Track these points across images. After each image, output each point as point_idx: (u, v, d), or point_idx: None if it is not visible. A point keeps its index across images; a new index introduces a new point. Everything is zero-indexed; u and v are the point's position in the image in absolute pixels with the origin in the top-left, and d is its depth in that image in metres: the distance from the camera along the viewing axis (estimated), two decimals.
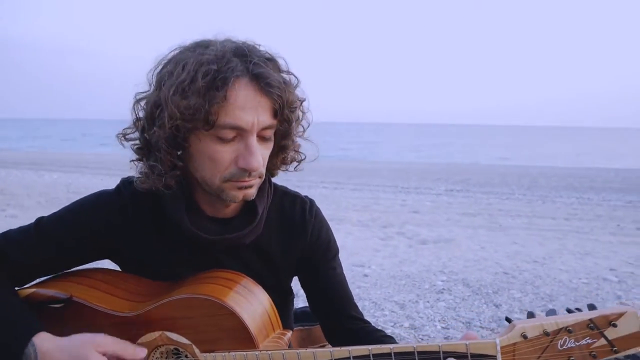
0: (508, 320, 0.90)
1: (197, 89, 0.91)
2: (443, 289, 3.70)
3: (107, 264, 1.18)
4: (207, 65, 0.92)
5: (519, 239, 5.68)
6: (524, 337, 0.85)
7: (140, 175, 1.02)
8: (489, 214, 7.73)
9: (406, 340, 2.77)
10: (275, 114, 0.99)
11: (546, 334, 0.84)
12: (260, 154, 0.98)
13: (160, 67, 1.01)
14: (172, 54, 1.01)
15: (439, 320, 3.07)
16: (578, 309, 0.86)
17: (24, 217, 6.38)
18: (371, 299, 3.43)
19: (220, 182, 0.98)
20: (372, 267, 4.30)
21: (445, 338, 2.81)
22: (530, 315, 0.87)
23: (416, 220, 6.96)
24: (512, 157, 28.89)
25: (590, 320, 0.81)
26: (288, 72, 1.04)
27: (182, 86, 0.92)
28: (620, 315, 0.80)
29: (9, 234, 1.07)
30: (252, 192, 1.02)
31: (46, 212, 1.08)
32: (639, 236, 6.24)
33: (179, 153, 0.99)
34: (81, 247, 1.06)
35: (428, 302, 3.43)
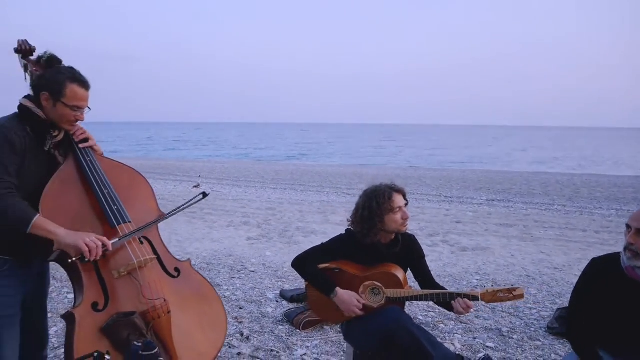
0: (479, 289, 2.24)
1: (384, 197, 2.45)
2: (477, 285, 4.90)
3: None
4: (381, 190, 2.44)
5: (546, 249, 6.74)
6: (486, 291, 2.28)
7: (355, 226, 2.52)
8: (524, 225, 8.72)
9: (450, 317, 4.02)
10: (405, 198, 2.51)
11: (495, 291, 2.28)
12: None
13: (361, 201, 2.54)
14: (362, 199, 2.53)
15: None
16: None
17: None
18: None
19: (399, 227, 2.50)
20: None
21: (477, 317, 4.03)
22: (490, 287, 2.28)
23: (458, 230, 8.08)
24: (556, 163, 28.91)
25: (508, 289, 2.25)
26: None
27: (382, 200, 2.44)
28: (518, 287, 2.27)
29: (313, 248, 2.61)
30: (407, 227, 2.50)
31: None
32: None
33: (379, 224, 2.44)
34: (334, 255, 2.59)
35: None
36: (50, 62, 2.14)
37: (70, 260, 1.94)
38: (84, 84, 2.09)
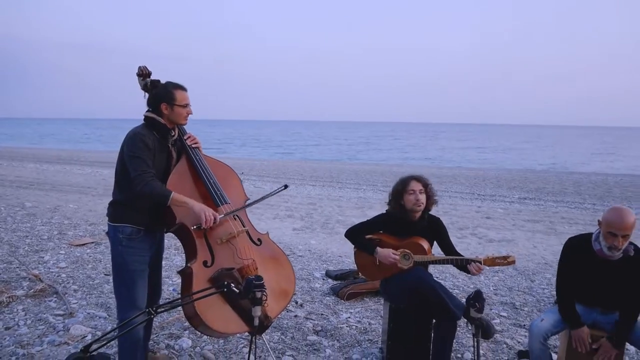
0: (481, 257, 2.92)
1: (403, 182, 3.23)
2: (498, 270, 5.56)
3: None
4: (404, 177, 3.23)
5: None
6: (487, 257, 3.01)
7: (389, 207, 3.30)
8: (551, 221, 9.22)
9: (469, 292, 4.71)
10: (426, 188, 3.22)
11: (494, 257, 3.00)
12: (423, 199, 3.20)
13: (392, 187, 3.31)
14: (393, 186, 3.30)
15: (492, 287, 4.96)
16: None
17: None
18: (447, 276, 5.36)
19: (412, 206, 3.20)
20: None
21: (495, 294, 4.70)
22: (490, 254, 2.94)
23: (487, 225, 8.67)
24: (591, 162, 28.57)
25: (503, 256, 3.01)
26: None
27: (397, 189, 3.22)
28: (511, 255, 3.01)
29: (360, 223, 3.38)
30: (422, 208, 3.22)
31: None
32: None
33: (401, 202, 3.19)
34: (376, 229, 3.33)
35: (487, 277, 5.30)
36: (154, 84, 2.97)
37: (192, 227, 2.77)
38: (183, 87, 2.92)
